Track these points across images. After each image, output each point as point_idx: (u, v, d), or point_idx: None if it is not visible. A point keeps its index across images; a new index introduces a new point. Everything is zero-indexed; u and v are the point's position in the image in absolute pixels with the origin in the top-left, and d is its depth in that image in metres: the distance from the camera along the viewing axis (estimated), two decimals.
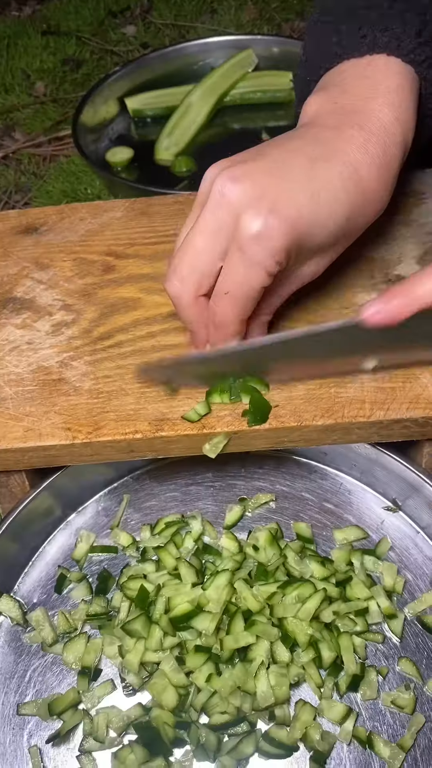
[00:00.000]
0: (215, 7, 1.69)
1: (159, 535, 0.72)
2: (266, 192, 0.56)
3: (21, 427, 0.66)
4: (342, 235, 0.62)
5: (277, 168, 0.58)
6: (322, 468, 0.77)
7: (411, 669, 0.63)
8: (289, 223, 0.56)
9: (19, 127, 1.39)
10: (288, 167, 0.58)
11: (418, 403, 0.64)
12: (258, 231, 0.56)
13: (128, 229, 0.85)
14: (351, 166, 0.59)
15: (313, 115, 0.64)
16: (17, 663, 0.66)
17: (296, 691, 0.63)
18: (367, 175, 0.60)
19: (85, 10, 1.71)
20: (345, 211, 0.60)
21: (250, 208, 0.56)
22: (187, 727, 0.60)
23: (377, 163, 0.60)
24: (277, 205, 0.56)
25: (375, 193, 0.61)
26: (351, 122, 0.61)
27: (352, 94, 0.63)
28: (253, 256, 0.56)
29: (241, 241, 0.56)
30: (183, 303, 0.62)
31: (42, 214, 0.88)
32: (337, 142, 0.60)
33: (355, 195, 0.60)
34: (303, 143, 0.61)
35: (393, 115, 0.62)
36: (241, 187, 0.57)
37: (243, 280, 0.58)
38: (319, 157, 0.59)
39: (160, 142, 1.21)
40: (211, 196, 0.58)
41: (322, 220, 0.59)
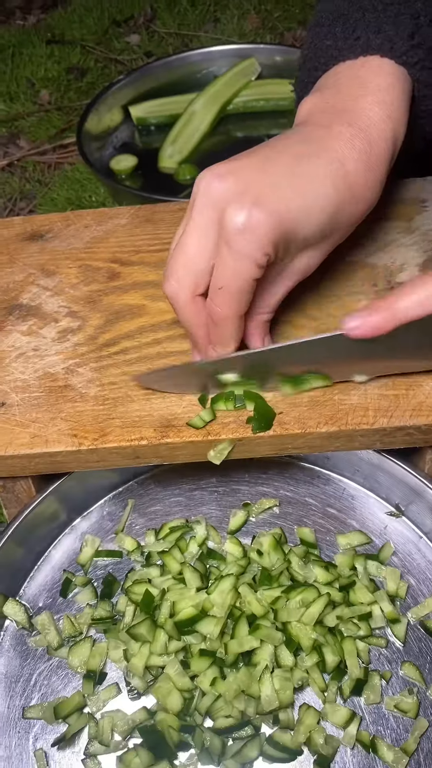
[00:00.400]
0: (218, 16, 1.71)
1: (163, 540, 0.72)
2: (250, 186, 0.57)
3: (27, 433, 0.67)
4: (331, 229, 0.62)
5: (262, 164, 0.59)
6: (326, 473, 0.78)
7: (414, 673, 0.63)
8: (275, 215, 0.57)
9: (24, 135, 1.40)
10: (274, 163, 0.59)
11: (421, 410, 0.64)
12: (243, 224, 0.56)
13: (133, 236, 0.86)
14: (338, 162, 0.60)
15: (306, 115, 0.65)
16: (23, 667, 0.67)
17: (300, 695, 0.63)
18: (354, 170, 0.60)
19: (89, 19, 1.73)
20: (332, 205, 0.60)
21: (233, 202, 0.57)
22: (192, 731, 0.61)
23: (364, 158, 0.61)
24: (262, 198, 0.57)
25: (362, 188, 0.62)
26: (340, 120, 0.62)
27: (345, 93, 0.65)
28: (240, 249, 0.57)
29: (228, 235, 0.57)
30: (180, 303, 0.62)
31: (47, 221, 0.89)
32: (325, 139, 0.61)
33: (343, 189, 0.60)
34: (291, 142, 0.61)
35: (383, 112, 0.63)
36: (225, 184, 0.58)
37: (234, 273, 0.58)
38: (307, 154, 0.60)
39: (163, 150, 1.22)
40: (198, 196, 0.59)
41: (308, 213, 0.59)
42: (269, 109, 1.35)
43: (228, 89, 1.33)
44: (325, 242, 0.64)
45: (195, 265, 0.60)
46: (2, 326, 0.77)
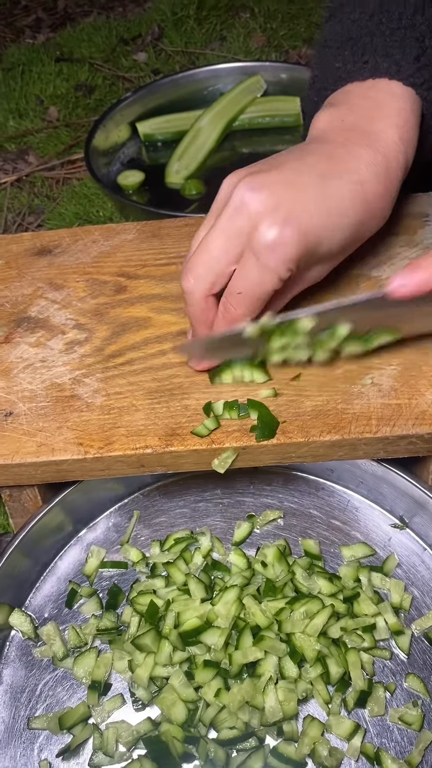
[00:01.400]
0: (224, 34, 1.73)
1: (168, 551, 0.73)
2: (282, 203, 0.60)
3: (34, 442, 0.67)
4: (347, 244, 0.66)
5: (292, 181, 0.62)
6: (330, 485, 0.78)
7: (418, 685, 0.63)
8: (302, 233, 0.60)
9: (33, 151, 1.42)
10: (303, 181, 0.62)
11: (423, 419, 0.65)
12: (273, 240, 0.59)
13: (140, 251, 0.87)
14: (359, 184, 0.63)
15: (322, 131, 0.69)
16: (28, 677, 0.67)
17: (304, 707, 0.63)
18: (372, 191, 0.64)
19: (97, 37, 1.75)
20: (352, 224, 0.64)
21: (266, 218, 0.60)
22: (196, 742, 0.61)
23: (382, 181, 0.65)
24: (292, 216, 0.60)
25: (378, 208, 0.66)
26: (360, 141, 0.65)
27: (358, 114, 0.68)
28: (267, 263, 0.60)
29: (257, 247, 0.60)
30: (194, 299, 0.65)
31: (56, 236, 0.91)
32: (347, 160, 0.64)
33: (362, 209, 0.64)
34: (316, 159, 0.65)
35: (397, 135, 0.66)
36: (260, 197, 0.60)
37: (256, 283, 0.62)
38: (331, 174, 0.63)
39: (170, 166, 1.24)
40: (231, 203, 0.62)
41: (331, 231, 0.63)
42: (275, 125, 1.37)
43: (234, 106, 1.35)
44: (340, 255, 0.68)
45: (216, 266, 0.63)
46: (11, 338, 0.78)
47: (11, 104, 1.54)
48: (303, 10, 1.76)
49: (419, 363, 0.70)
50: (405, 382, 0.68)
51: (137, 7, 2.01)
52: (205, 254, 0.63)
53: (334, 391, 0.68)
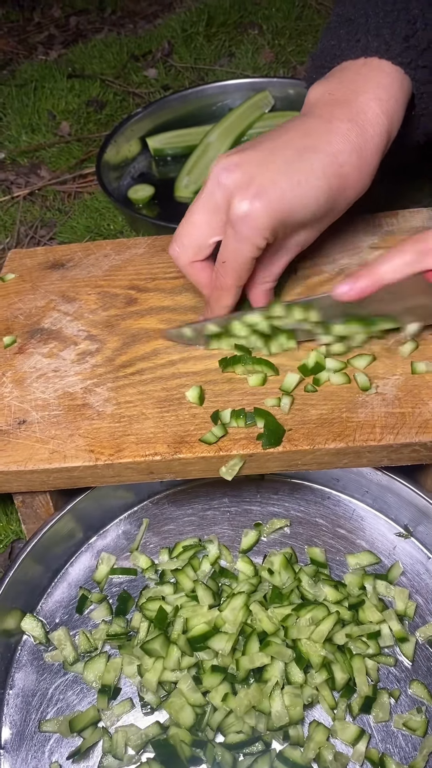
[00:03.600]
0: (233, 51, 1.75)
1: (177, 558, 0.74)
2: (253, 179, 0.66)
3: (47, 449, 0.69)
4: (323, 213, 0.71)
5: (266, 158, 0.68)
6: (336, 494, 0.79)
7: (423, 692, 0.64)
8: (272, 205, 0.66)
9: (45, 165, 1.44)
10: (276, 158, 0.68)
11: (427, 428, 0.66)
12: (245, 212, 0.66)
13: (150, 264, 0.89)
14: (332, 155, 0.68)
15: (312, 105, 0.74)
16: (39, 681, 0.68)
17: (310, 712, 0.64)
18: (346, 162, 0.69)
19: (108, 54, 1.78)
20: (324, 194, 0.69)
21: (239, 193, 0.66)
22: (204, 746, 0.62)
23: (357, 151, 0.69)
24: (262, 190, 0.66)
25: (354, 178, 0.70)
26: (340, 114, 0.70)
27: (346, 87, 0.72)
28: (242, 233, 0.67)
29: (233, 219, 0.67)
30: (181, 265, 0.74)
31: (68, 250, 0.93)
32: (323, 133, 0.69)
33: (335, 179, 0.69)
34: (293, 135, 0.70)
35: (379, 108, 0.70)
36: (233, 175, 0.67)
37: (235, 252, 0.69)
38: (305, 148, 0.68)
39: (179, 180, 1.26)
40: (210, 181, 0.69)
41: (303, 202, 0.68)
42: None
43: (242, 121, 1.37)
44: (320, 222, 0.73)
45: (198, 235, 0.71)
46: (24, 349, 0.80)
47: (24, 119, 1.56)
48: (310, 26, 1.79)
49: (422, 373, 0.71)
50: (408, 391, 0.69)
51: (147, 24, 2.04)
52: (188, 226, 0.71)
53: (338, 400, 0.70)
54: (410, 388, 0.70)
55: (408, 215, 0.90)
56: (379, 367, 0.73)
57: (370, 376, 0.71)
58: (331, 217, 0.74)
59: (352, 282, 0.68)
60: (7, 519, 0.83)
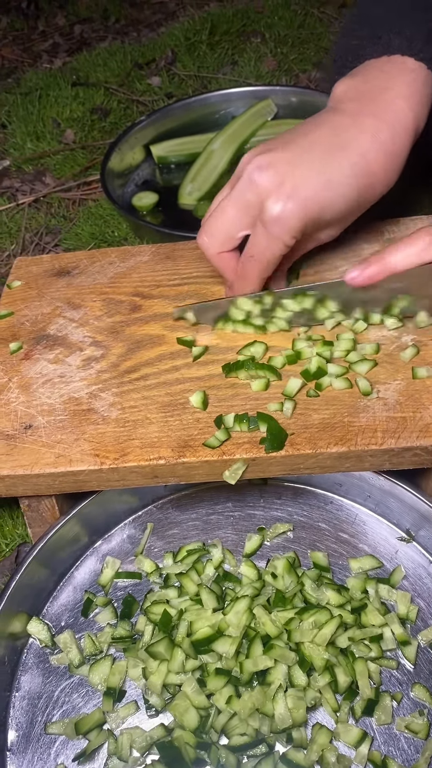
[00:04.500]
0: (236, 59, 1.77)
1: (181, 562, 0.75)
2: (286, 180, 0.68)
3: (52, 453, 0.70)
4: (351, 211, 0.74)
5: (297, 158, 0.70)
6: (338, 499, 0.80)
7: (425, 695, 0.65)
8: (304, 206, 0.68)
9: (50, 173, 1.46)
10: (307, 158, 0.70)
11: (428, 432, 0.67)
12: (278, 213, 0.68)
13: (154, 272, 0.90)
14: (361, 155, 0.70)
15: (338, 100, 0.75)
16: (45, 684, 0.69)
17: (313, 715, 0.65)
18: (374, 160, 0.70)
19: (112, 62, 1.79)
20: (353, 193, 0.71)
21: (272, 194, 0.68)
22: (208, 748, 0.62)
23: (384, 149, 0.71)
24: (295, 192, 0.68)
25: (381, 176, 0.72)
26: (367, 111, 0.71)
27: (371, 84, 0.74)
28: (273, 232, 0.70)
29: (265, 219, 0.69)
30: (209, 254, 0.77)
31: (74, 258, 0.94)
32: (351, 131, 0.71)
33: (363, 178, 0.71)
34: (322, 134, 0.71)
35: (406, 105, 0.72)
36: (266, 175, 0.69)
37: (265, 249, 0.72)
38: (334, 147, 0.70)
39: (183, 188, 1.27)
40: (242, 179, 0.71)
41: (332, 201, 0.70)
42: None
43: (245, 129, 1.38)
44: (345, 220, 0.76)
45: (227, 230, 0.74)
46: (30, 355, 0.81)
47: (29, 127, 1.58)
48: (313, 35, 1.80)
49: (423, 378, 0.72)
50: (410, 396, 0.70)
51: (151, 32, 2.06)
52: (219, 219, 0.74)
53: (340, 405, 0.71)
54: (411, 393, 0.71)
55: (409, 223, 0.90)
56: (380, 372, 0.73)
57: (372, 381, 0.72)
58: (357, 213, 0.76)
59: (362, 268, 0.70)
60: (13, 523, 0.84)
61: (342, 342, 0.76)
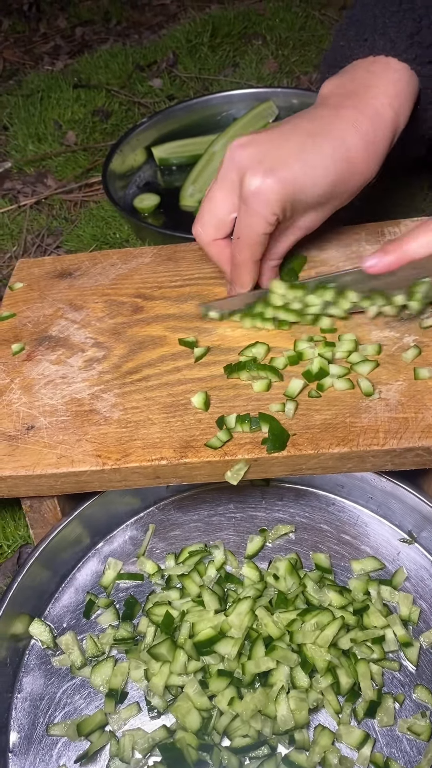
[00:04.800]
0: (237, 61, 1.77)
1: (183, 564, 0.75)
2: (265, 157, 0.70)
3: (54, 454, 0.70)
4: (330, 196, 0.74)
5: (278, 140, 0.71)
6: (340, 501, 0.80)
7: (427, 696, 0.65)
8: (283, 183, 0.69)
9: (52, 174, 1.46)
10: (288, 140, 0.71)
11: (430, 432, 0.67)
12: (257, 187, 0.69)
13: (156, 273, 0.90)
14: (340, 140, 0.71)
15: (325, 96, 0.77)
16: (47, 685, 0.69)
17: (315, 717, 0.65)
18: (354, 148, 0.72)
19: (114, 64, 1.80)
20: (331, 176, 0.72)
21: (251, 169, 0.70)
22: (210, 750, 0.62)
23: (365, 139, 0.72)
24: (274, 168, 0.69)
25: (361, 164, 0.73)
26: (348, 104, 0.73)
27: (357, 82, 0.76)
28: (254, 208, 0.70)
29: (245, 195, 0.70)
30: (203, 243, 0.78)
31: (76, 259, 0.94)
32: (332, 119, 0.73)
33: (342, 164, 0.72)
34: (305, 121, 0.73)
35: (386, 101, 0.74)
36: (246, 152, 0.71)
37: (248, 227, 0.72)
38: (316, 133, 0.72)
39: (185, 189, 1.27)
40: (225, 160, 0.73)
41: (312, 182, 0.71)
42: None
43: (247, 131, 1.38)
44: (326, 206, 0.76)
45: (217, 214, 0.75)
46: (33, 356, 0.81)
47: (30, 129, 1.58)
48: (314, 37, 1.80)
49: (425, 378, 0.72)
50: (411, 396, 0.70)
51: (152, 34, 2.06)
52: (207, 204, 0.75)
53: (342, 406, 0.71)
54: (413, 394, 0.71)
55: (410, 224, 0.90)
56: (382, 372, 0.73)
57: (374, 381, 0.72)
58: (338, 202, 0.76)
59: (380, 256, 0.70)
60: (15, 525, 0.84)
61: (344, 343, 0.76)
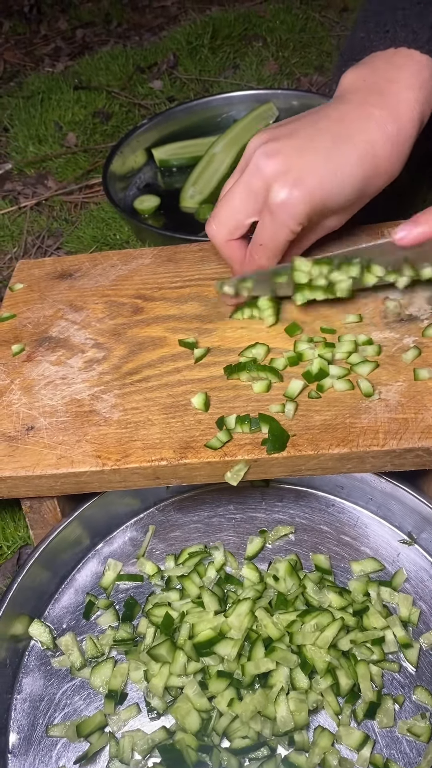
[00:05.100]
0: (238, 62, 1.77)
1: (183, 565, 0.75)
2: (292, 167, 0.69)
3: (54, 454, 0.70)
4: (356, 199, 0.74)
5: (304, 146, 0.70)
6: (340, 502, 0.80)
7: (427, 698, 0.64)
8: (310, 193, 0.69)
9: (52, 176, 1.46)
10: (314, 146, 0.70)
11: (430, 433, 0.67)
12: (284, 200, 0.69)
13: (156, 274, 0.90)
14: (368, 144, 0.71)
15: (345, 89, 0.76)
16: (47, 686, 0.69)
17: (315, 718, 0.65)
18: (381, 150, 0.71)
19: (114, 66, 1.80)
20: (358, 182, 0.72)
21: (278, 181, 0.69)
22: (210, 751, 0.62)
23: (391, 140, 0.71)
24: (301, 179, 0.69)
25: (387, 166, 0.73)
26: (375, 102, 0.72)
27: (379, 75, 0.75)
28: (279, 219, 0.70)
29: (271, 206, 0.70)
30: (217, 242, 0.78)
31: (76, 261, 0.94)
32: (359, 121, 0.72)
33: (369, 168, 0.72)
34: (330, 123, 0.72)
35: (412, 96, 0.73)
36: (273, 162, 0.70)
37: (272, 235, 0.72)
38: (341, 137, 0.71)
39: (185, 191, 1.27)
40: (250, 166, 0.72)
41: (339, 190, 0.71)
42: None
43: (247, 132, 1.38)
44: (352, 208, 0.77)
45: (236, 216, 0.75)
46: (32, 357, 0.81)
47: (31, 130, 1.58)
48: (314, 38, 1.81)
49: (425, 379, 0.72)
50: (411, 397, 0.70)
51: (153, 36, 2.06)
52: (227, 206, 0.75)
53: (342, 406, 0.71)
54: (413, 394, 0.71)
55: None
56: (382, 373, 0.73)
57: (374, 382, 0.72)
58: (362, 202, 0.76)
59: (410, 227, 0.70)
60: (15, 525, 0.84)
61: (344, 344, 0.76)
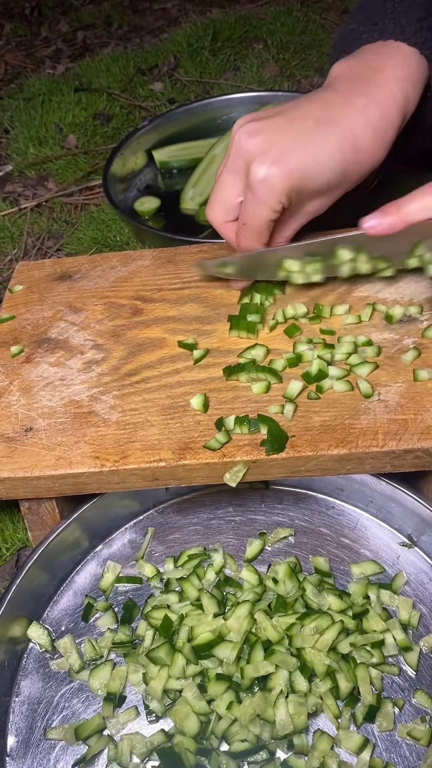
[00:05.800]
0: (238, 64, 1.77)
1: (182, 567, 0.74)
2: (273, 146, 0.70)
3: (53, 456, 0.70)
4: (337, 183, 0.75)
5: (286, 126, 0.71)
6: (340, 504, 0.80)
7: (427, 701, 0.64)
8: (289, 171, 0.70)
9: (52, 177, 1.46)
10: (295, 127, 0.71)
11: (429, 434, 0.66)
12: (264, 176, 0.70)
13: (155, 275, 0.90)
14: (348, 129, 0.71)
15: (334, 79, 0.77)
16: (45, 689, 0.69)
17: (314, 721, 0.64)
18: (362, 135, 0.72)
19: (115, 68, 1.80)
20: (338, 165, 0.72)
21: (258, 158, 0.70)
22: (208, 754, 0.62)
23: (373, 126, 0.72)
24: (280, 157, 0.70)
25: (368, 151, 0.73)
26: (358, 90, 0.73)
27: (366, 66, 0.76)
28: (260, 196, 0.71)
29: (251, 183, 0.71)
30: (215, 225, 0.79)
31: (76, 262, 0.94)
32: (342, 107, 0.72)
33: (349, 152, 0.72)
34: (314, 107, 0.73)
35: (397, 86, 0.73)
36: (254, 141, 0.71)
37: (254, 214, 0.73)
38: (324, 120, 0.71)
39: (185, 193, 1.27)
40: (233, 146, 0.73)
41: (318, 171, 0.72)
42: None
43: None
44: (333, 192, 0.77)
45: (226, 199, 0.76)
46: (32, 358, 0.81)
47: (32, 132, 1.58)
48: (315, 41, 1.81)
49: (425, 380, 0.72)
50: (411, 398, 0.70)
51: (154, 38, 2.07)
52: (217, 188, 0.77)
53: (341, 407, 0.70)
54: (412, 395, 0.70)
55: None
56: (381, 374, 0.73)
57: (373, 383, 0.72)
58: (344, 187, 0.77)
59: (380, 216, 0.70)
60: (13, 527, 0.84)
61: (343, 345, 0.76)
